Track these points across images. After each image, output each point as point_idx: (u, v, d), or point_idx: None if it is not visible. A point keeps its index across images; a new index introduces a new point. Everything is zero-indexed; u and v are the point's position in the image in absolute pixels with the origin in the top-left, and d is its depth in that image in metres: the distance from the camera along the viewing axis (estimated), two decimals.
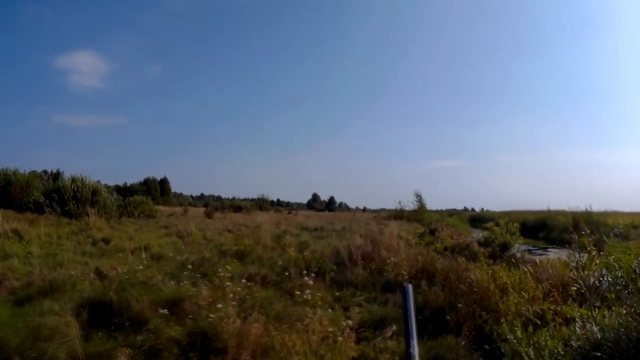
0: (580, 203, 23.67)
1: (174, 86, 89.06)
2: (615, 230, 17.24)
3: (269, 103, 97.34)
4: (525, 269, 5.37)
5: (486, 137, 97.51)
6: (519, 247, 8.08)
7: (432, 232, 13.07)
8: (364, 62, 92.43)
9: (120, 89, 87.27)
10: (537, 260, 6.60)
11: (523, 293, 3.79)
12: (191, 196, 70.65)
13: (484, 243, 8.85)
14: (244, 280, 4.87)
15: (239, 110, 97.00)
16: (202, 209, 32.71)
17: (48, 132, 75.73)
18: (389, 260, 6.53)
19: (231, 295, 3.94)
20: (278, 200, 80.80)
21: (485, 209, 49.10)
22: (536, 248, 17.64)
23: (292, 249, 8.17)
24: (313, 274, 5.47)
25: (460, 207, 60.48)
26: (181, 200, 56.45)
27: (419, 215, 21.60)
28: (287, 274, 5.56)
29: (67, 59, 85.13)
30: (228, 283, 4.42)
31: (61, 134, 77.28)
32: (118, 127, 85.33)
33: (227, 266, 5.36)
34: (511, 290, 3.94)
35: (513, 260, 7.13)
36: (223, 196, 62.04)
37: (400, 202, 24.38)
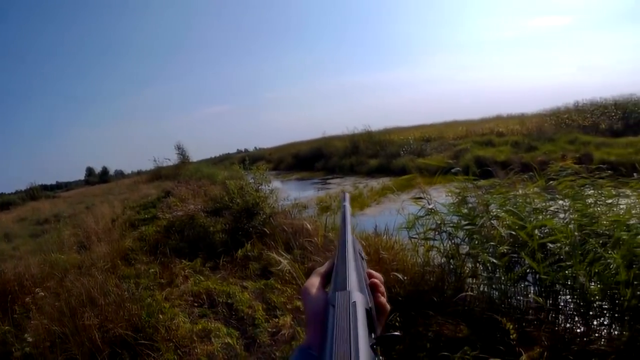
0: (360, 124, 22.82)
1: None
2: (406, 147, 16.05)
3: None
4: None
5: (251, 78, 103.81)
6: (276, 199, 5.95)
7: (168, 194, 10.43)
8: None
9: None
10: (307, 225, 4.65)
11: None
12: None
13: (215, 209, 6.08)
14: None
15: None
16: None
17: None
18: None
19: None
20: (57, 182, 68.11)
21: (258, 148, 50.17)
22: (314, 181, 15.88)
23: None
24: None
25: (233, 150, 60.48)
26: None
27: (178, 170, 18.38)
28: None
29: None
30: None
31: None
32: None
33: None
34: None
35: (260, 228, 5.00)
36: (7, 192, 48.20)
37: (155, 160, 20.74)
